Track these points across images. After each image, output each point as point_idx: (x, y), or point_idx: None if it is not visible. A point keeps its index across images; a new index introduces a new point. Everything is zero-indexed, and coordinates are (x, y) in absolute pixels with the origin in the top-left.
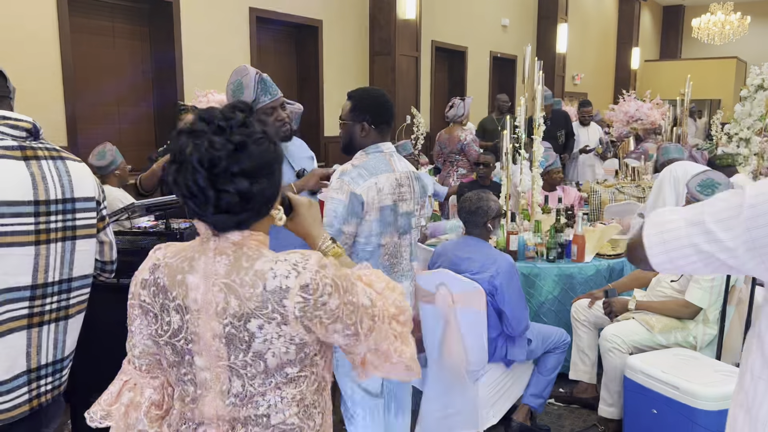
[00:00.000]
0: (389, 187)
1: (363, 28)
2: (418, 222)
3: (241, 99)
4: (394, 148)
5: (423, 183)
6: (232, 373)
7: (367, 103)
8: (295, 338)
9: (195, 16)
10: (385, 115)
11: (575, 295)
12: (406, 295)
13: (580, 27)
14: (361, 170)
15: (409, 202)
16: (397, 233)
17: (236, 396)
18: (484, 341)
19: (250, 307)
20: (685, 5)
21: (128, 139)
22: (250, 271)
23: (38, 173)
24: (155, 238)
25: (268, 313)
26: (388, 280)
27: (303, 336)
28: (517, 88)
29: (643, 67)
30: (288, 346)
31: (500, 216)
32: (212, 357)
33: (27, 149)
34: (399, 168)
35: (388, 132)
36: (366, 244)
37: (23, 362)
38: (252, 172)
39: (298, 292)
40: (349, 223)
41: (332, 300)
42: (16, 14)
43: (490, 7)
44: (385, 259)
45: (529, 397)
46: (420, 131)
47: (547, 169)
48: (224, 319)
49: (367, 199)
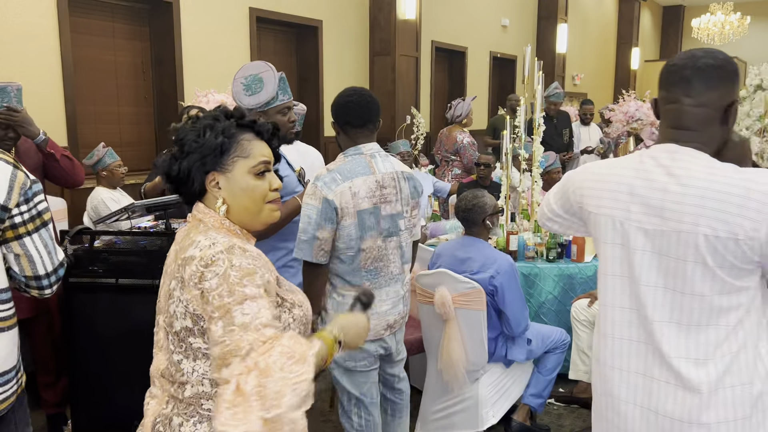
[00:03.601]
0: (366, 190)
1: (363, 28)
2: (411, 223)
3: (258, 94)
4: (378, 149)
5: (415, 183)
6: (166, 329)
7: (334, 106)
8: (189, 306)
9: (195, 16)
10: (351, 115)
11: (575, 295)
12: (398, 300)
13: (579, 27)
14: (335, 174)
15: (394, 203)
16: (381, 237)
17: (167, 351)
18: (484, 341)
19: (174, 268)
20: (685, 5)
21: (128, 139)
22: (188, 240)
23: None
24: (155, 238)
25: (179, 277)
26: (285, 363)
27: (196, 306)
28: (517, 89)
29: (643, 67)
30: (185, 313)
31: (498, 212)
32: (163, 314)
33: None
34: (381, 169)
35: (367, 132)
36: (346, 249)
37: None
38: (175, 152)
39: (197, 262)
40: (323, 228)
41: (213, 280)
42: (16, 14)
43: (490, 7)
44: (368, 263)
45: (529, 397)
46: (420, 131)
47: (547, 169)
48: (167, 278)
49: (340, 204)
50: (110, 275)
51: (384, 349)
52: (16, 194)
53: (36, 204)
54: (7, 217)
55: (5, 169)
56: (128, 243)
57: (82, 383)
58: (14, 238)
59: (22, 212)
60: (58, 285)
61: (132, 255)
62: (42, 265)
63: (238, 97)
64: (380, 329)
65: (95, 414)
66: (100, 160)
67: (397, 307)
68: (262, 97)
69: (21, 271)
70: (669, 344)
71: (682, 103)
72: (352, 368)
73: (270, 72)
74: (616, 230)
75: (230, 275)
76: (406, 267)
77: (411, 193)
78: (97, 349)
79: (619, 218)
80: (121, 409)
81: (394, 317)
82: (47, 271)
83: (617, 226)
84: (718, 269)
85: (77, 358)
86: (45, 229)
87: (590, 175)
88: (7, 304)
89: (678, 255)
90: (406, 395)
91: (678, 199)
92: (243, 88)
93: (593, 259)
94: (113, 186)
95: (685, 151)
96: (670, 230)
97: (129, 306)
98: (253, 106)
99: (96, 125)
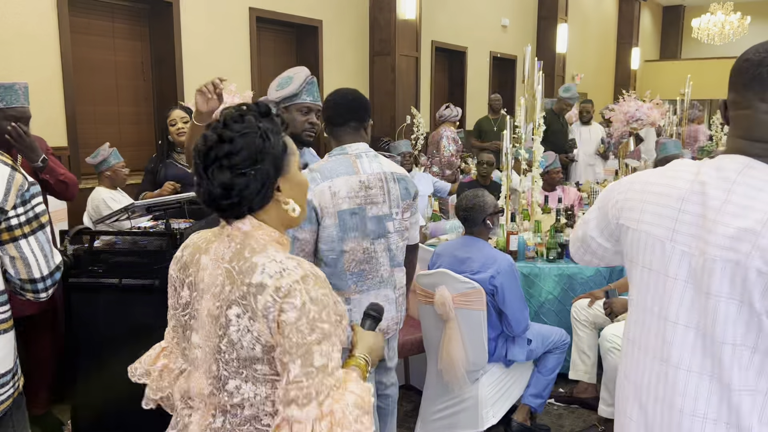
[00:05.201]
0: (348, 190)
1: (363, 28)
2: (402, 225)
3: (284, 89)
4: (367, 149)
5: (407, 184)
6: (214, 353)
7: (324, 105)
8: (261, 338)
9: (195, 16)
10: (330, 111)
11: (575, 295)
12: (390, 304)
13: (580, 27)
14: (315, 174)
15: (381, 205)
16: (368, 238)
17: (214, 378)
18: (484, 341)
19: (236, 294)
20: (685, 5)
21: (128, 139)
22: (248, 262)
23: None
24: (155, 238)
25: (246, 304)
26: (359, 415)
27: (268, 338)
28: (517, 88)
29: (643, 67)
30: (255, 343)
31: (498, 212)
32: (205, 335)
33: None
34: (367, 170)
35: (350, 130)
36: (329, 251)
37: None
38: (236, 163)
39: (271, 292)
40: (301, 229)
41: (291, 313)
42: (16, 14)
43: (490, 7)
44: (352, 266)
45: (529, 397)
46: (420, 131)
47: (547, 169)
48: (218, 301)
49: (319, 204)
50: (110, 275)
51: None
52: (13, 196)
53: (33, 206)
54: (4, 219)
55: (3, 171)
56: (128, 243)
57: (82, 383)
58: (10, 240)
59: (19, 214)
60: (54, 288)
61: (132, 255)
62: (38, 268)
63: (270, 91)
64: None
65: (95, 414)
66: (105, 160)
67: (390, 312)
68: (285, 92)
69: (16, 273)
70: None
71: (757, 109)
72: None
73: (302, 73)
74: (654, 252)
75: (310, 310)
76: (397, 270)
77: (402, 194)
78: (97, 349)
79: (661, 237)
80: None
81: (386, 323)
82: (43, 274)
83: (656, 247)
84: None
85: (77, 357)
86: (42, 232)
87: (635, 184)
88: (4, 306)
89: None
90: (393, 400)
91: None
92: (276, 85)
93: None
94: (115, 186)
95: (761, 167)
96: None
97: (129, 306)
98: (276, 99)
99: (96, 125)
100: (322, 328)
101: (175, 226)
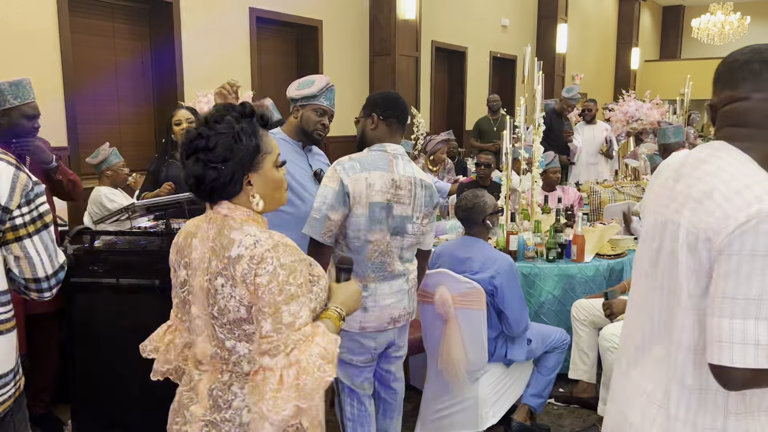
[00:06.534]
0: (382, 185)
1: (363, 28)
2: (420, 230)
3: (304, 89)
4: (403, 152)
5: (432, 193)
6: (210, 320)
7: (376, 98)
8: (244, 300)
9: (195, 16)
10: (395, 108)
11: (575, 295)
12: (403, 294)
13: (579, 27)
14: (355, 163)
15: (406, 206)
16: (389, 232)
17: (215, 339)
18: (484, 341)
19: (219, 267)
20: (685, 5)
21: (128, 139)
22: (226, 239)
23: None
24: (155, 238)
25: (227, 274)
26: (322, 364)
27: (250, 300)
28: (517, 88)
29: (643, 67)
30: (239, 306)
31: (498, 212)
32: (201, 306)
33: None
34: (401, 171)
35: (398, 131)
36: (354, 239)
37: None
38: (209, 159)
39: (247, 261)
40: (336, 210)
41: (264, 277)
42: (16, 14)
43: (490, 7)
44: (374, 256)
45: (529, 397)
46: (420, 131)
47: (545, 168)
48: (207, 274)
49: (354, 191)
50: (110, 275)
51: (386, 344)
52: (17, 195)
53: (38, 206)
54: (8, 218)
55: (7, 170)
56: (128, 243)
57: (82, 383)
58: (14, 239)
59: (23, 214)
60: (58, 288)
61: (132, 255)
62: (42, 267)
63: (290, 89)
64: (384, 322)
65: (95, 414)
66: (105, 159)
67: (402, 301)
68: (306, 92)
69: (20, 273)
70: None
71: (751, 99)
72: (348, 361)
73: (324, 79)
74: (656, 230)
75: (279, 273)
76: (408, 265)
77: (425, 201)
78: (97, 349)
79: (661, 218)
80: (121, 409)
81: (399, 311)
82: (47, 273)
83: (658, 224)
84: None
85: (77, 357)
86: (46, 231)
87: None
88: (6, 306)
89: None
90: (400, 396)
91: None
92: (298, 84)
93: (593, 259)
94: (116, 186)
95: (728, 149)
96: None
97: (129, 306)
98: (294, 96)
99: (96, 125)
100: (289, 290)
101: (175, 226)
